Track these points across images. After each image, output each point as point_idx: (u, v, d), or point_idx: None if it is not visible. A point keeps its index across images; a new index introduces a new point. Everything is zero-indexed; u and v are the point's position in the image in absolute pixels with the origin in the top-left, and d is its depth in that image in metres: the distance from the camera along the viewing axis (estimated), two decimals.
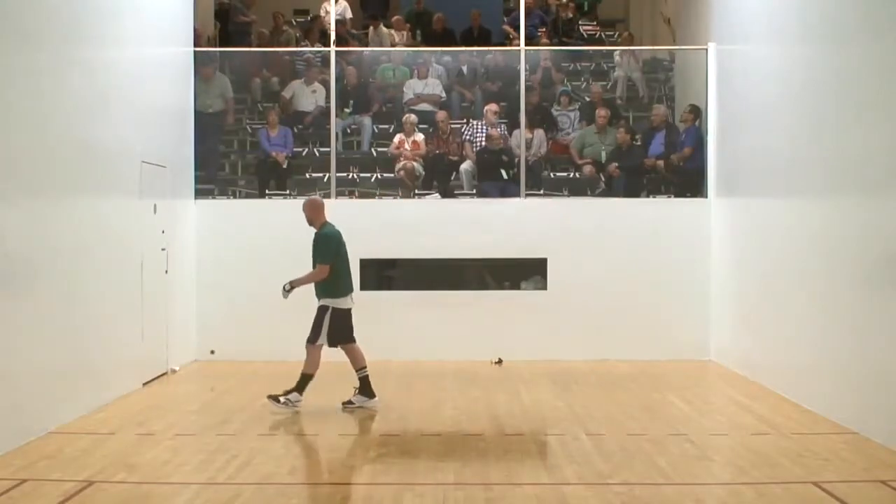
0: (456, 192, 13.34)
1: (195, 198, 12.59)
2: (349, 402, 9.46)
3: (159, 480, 6.92)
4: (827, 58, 9.01)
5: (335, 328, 9.31)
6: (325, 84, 13.54)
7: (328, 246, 9.35)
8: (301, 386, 9.29)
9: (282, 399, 9.25)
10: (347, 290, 9.45)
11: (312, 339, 9.31)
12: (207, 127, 12.93)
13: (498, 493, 6.59)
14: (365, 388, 9.50)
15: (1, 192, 7.55)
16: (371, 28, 15.52)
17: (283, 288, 9.37)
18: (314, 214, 9.53)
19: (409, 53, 14.85)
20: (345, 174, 13.55)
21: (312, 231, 9.53)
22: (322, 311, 9.34)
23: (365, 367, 9.51)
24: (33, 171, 8.08)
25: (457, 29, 15.97)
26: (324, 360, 9.33)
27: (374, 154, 14.09)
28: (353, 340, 9.52)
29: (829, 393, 8.81)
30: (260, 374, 11.33)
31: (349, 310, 9.47)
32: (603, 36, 17.03)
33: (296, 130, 13.81)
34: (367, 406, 9.42)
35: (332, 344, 9.38)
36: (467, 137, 13.60)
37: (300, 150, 13.80)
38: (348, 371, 11.62)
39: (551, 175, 13.69)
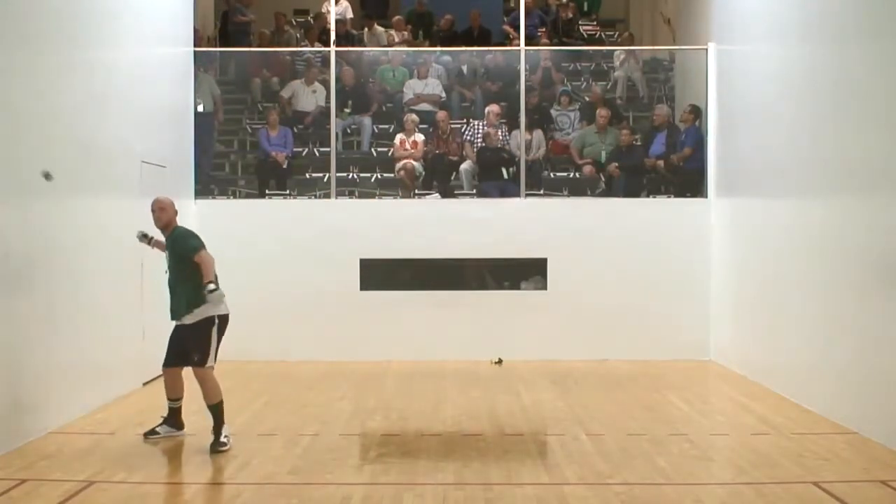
0: (456, 192, 13.34)
1: (195, 198, 12.59)
2: (153, 431, 8.17)
3: (159, 480, 6.93)
4: (827, 58, 9.01)
5: (217, 342, 7.89)
6: (325, 84, 13.54)
7: (193, 236, 8.03)
8: (221, 418, 7.87)
9: (223, 440, 7.77)
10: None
11: (202, 362, 7.81)
12: (199, 127, 12.83)
13: (498, 493, 6.59)
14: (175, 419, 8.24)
15: (1, 192, 7.56)
16: (366, 28, 15.52)
17: (210, 290, 7.71)
18: (174, 214, 8.15)
19: (410, 53, 14.85)
20: (345, 174, 13.55)
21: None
22: (207, 325, 7.82)
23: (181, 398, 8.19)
24: (34, 171, 8.07)
25: (457, 29, 15.99)
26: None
27: (374, 154, 14.10)
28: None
29: (829, 393, 8.81)
30: (260, 374, 11.33)
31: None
32: (603, 36, 17.04)
33: (296, 130, 13.81)
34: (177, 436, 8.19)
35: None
36: (467, 137, 13.61)
37: (300, 150, 13.80)
38: (349, 370, 11.63)
39: (551, 175, 13.69)
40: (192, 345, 7.85)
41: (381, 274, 12.87)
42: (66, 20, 8.83)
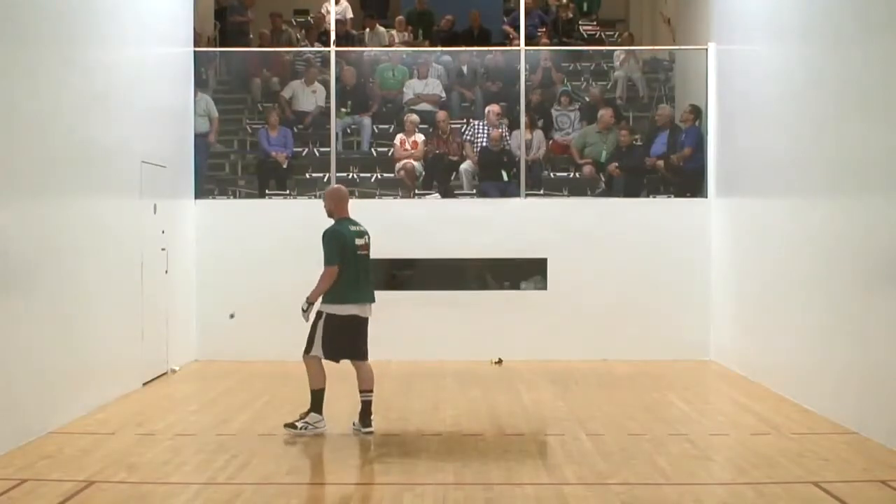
0: (456, 192, 13.34)
1: (195, 198, 12.59)
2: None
3: (159, 480, 6.92)
4: (827, 57, 9.01)
5: (328, 338, 8.25)
6: (325, 84, 13.54)
7: (329, 246, 8.44)
8: (316, 405, 8.34)
9: (299, 424, 8.32)
10: (349, 296, 8.32)
11: (306, 349, 8.33)
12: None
13: (498, 493, 6.59)
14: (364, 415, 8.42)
15: (1, 192, 7.55)
16: (367, 29, 15.53)
17: (302, 309, 8.34)
18: (334, 206, 8.75)
19: (410, 53, 14.85)
20: (345, 174, 13.54)
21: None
22: (317, 317, 8.35)
23: (370, 391, 8.43)
24: (33, 171, 8.08)
25: (457, 29, 16.00)
26: (327, 359, 9.09)
27: (374, 154, 14.10)
28: (360, 356, 8.44)
29: (829, 393, 8.81)
30: (260, 374, 11.33)
31: (350, 318, 8.32)
32: (603, 36, 17.04)
33: (296, 130, 13.81)
34: (363, 433, 8.33)
35: (328, 356, 8.31)
36: (467, 137, 13.61)
37: (300, 150, 13.80)
38: (349, 370, 11.62)
39: (551, 175, 13.69)
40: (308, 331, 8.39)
41: (381, 274, 12.85)
42: (66, 20, 8.83)
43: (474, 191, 13.28)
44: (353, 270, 8.40)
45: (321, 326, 8.28)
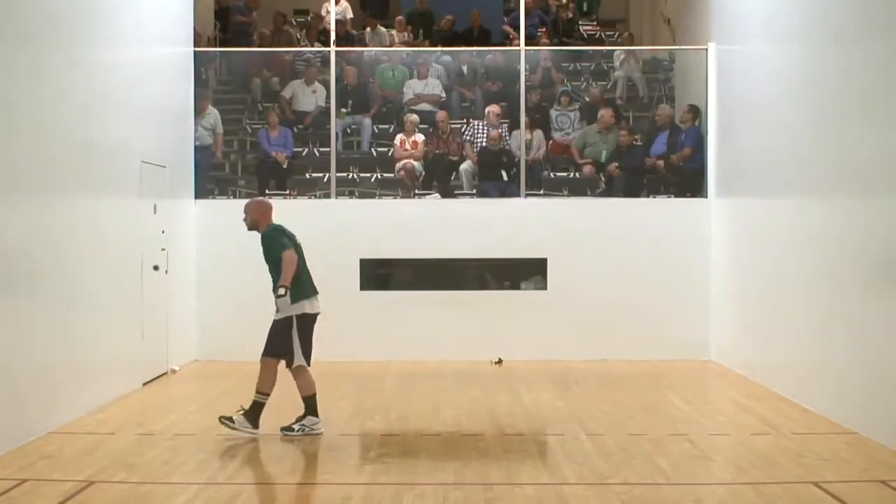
0: (456, 192, 13.34)
1: (195, 198, 12.59)
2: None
3: (159, 480, 6.92)
4: (827, 58, 9.01)
5: (304, 339, 8.21)
6: (325, 84, 13.54)
7: (275, 240, 8.28)
8: (310, 409, 8.31)
9: (296, 427, 8.24)
10: (310, 290, 8.31)
11: (288, 362, 8.20)
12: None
13: (498, 493, 6.59)
14: (254, 414, 8.26)
15: (1, 192, 7.55)
16: (368, 29, 15.54)
17: (278, 296, 8.03)
18: (260, 217, 8.60)
19: (410, 53, 14.85)
20: (345, 174, 13.55)
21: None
22: (286, 324, 8.15)
23: (268, 395, 8.28)
24: (33, 171, 8.08)
25: (457, 29, 16.01)
26: (320, 360, 9.06)
27: (374, 154, 14.10)
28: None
29: (829, 393, 8.81)
30: None
31: (316, 314, 8.35)
32: (603, 36, 17.05)
33: (296, 130, 13.81)
34: (246, 433, 8.17)
35: (309, 360, 8.24)
36: (467, 137, 13.61)
37: (300, 150, 13.80)
38: (349, 370, 11.63)
39: (551, 175, 13.70)
40: (277, 341, 8.19)
41: (381, 274, 12.87)
42: (65, 20, 8.83)
43: (474, 191, 13.28)
44: (303, 264, 8.37)
45: (295, 332, 8.17)
